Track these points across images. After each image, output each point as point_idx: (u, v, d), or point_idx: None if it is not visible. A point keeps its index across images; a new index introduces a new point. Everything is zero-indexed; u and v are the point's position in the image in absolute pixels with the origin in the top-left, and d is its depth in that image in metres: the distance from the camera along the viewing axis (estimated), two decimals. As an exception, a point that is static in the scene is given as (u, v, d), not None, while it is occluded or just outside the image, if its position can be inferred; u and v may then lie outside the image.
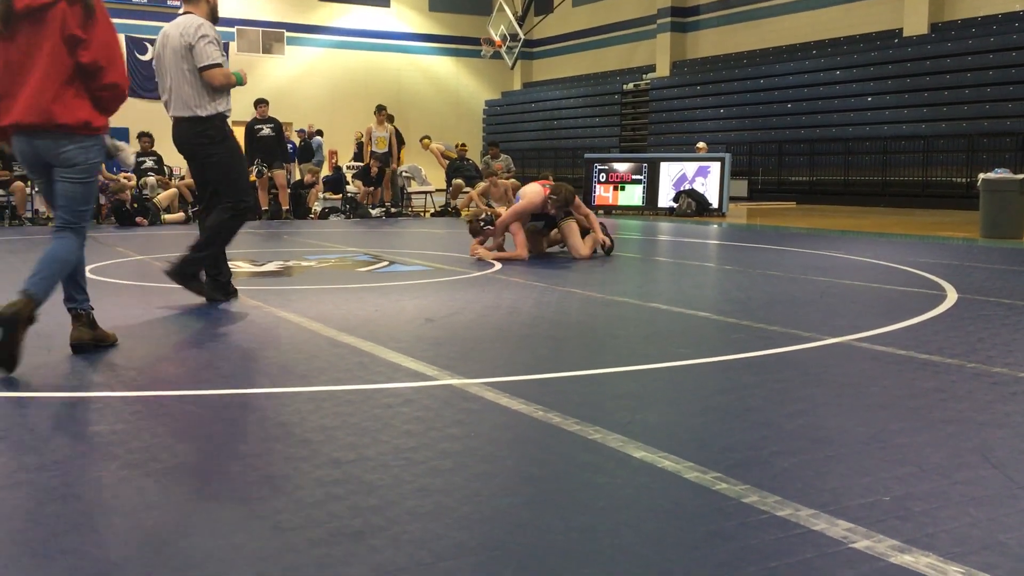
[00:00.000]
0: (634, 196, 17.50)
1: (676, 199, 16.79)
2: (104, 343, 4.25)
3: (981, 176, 11.66)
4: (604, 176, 17.80)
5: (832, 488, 2.46)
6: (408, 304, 5.78)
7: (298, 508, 2.28)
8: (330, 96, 32.74)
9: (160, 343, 4.39)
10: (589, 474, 2.56)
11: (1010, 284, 6.89)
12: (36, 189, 13.90)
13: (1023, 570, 1.97)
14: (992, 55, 19.28)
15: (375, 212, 15.91)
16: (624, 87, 29.65)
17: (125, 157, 11.84)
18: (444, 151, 18.57)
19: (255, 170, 14.05)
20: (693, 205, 16.50)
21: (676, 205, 16.72)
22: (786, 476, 2.55)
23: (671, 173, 17.29)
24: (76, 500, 2.35)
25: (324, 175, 19.50)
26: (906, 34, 21.80)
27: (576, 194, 8.85)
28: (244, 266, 7.87)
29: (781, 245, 10.51)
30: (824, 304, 5.90)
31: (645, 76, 29.45)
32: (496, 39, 29.94)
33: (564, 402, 3.33)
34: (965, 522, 2.23)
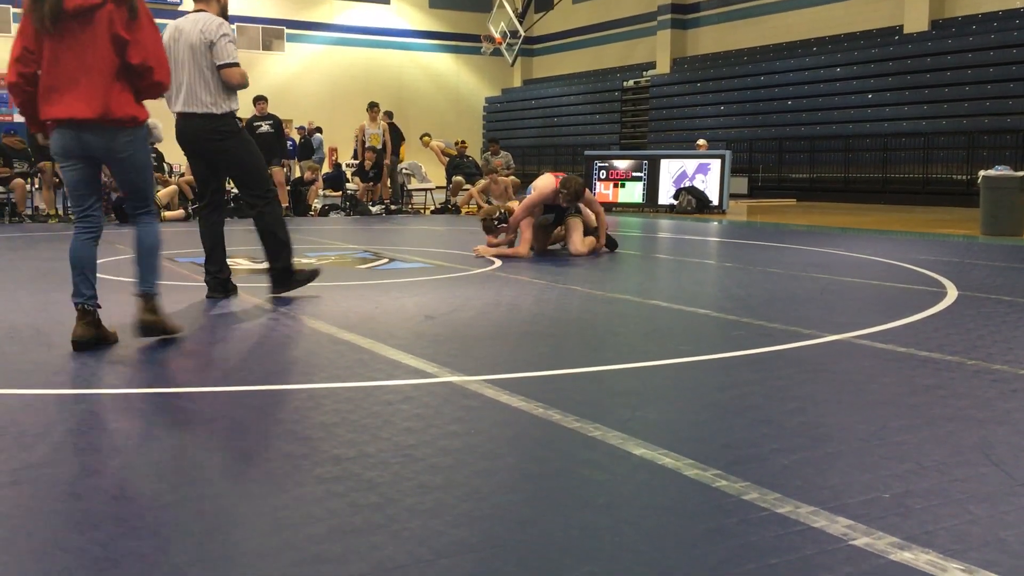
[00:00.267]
0: (634, 193, 17.49)
1: (676, 196, 16.79)
2: (105, 341, 4.26)
3: (981, 173, 11.65)
4: (604, 173, 17.78)
5: (832, 485, 2.46)
6: (408, 301, 5.78)
7: (298, 505, 2.29)
8: (330, 93, 32.74)
9: (160, 341, 4.38)
10: (589, 471, 2.56)
11: (1010, 281, 6.88)
12: (38, 186, 13.93)
13: (1023, 567, 1.97)
14: (993, 52, 19.26)
15: (375, 209, 15.91)
16: (624, 84, 29.66)
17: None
18: (444, 148, 18.57)
19: None
20: (693, 202, 16.49)
21: (676, 202, 16.71)
22: (786, 473, 2.55)
23: (671, 170, 17.28)
24: (76, 499, 2.36)
25: (324, 172, 19.50)
26: (907, 31, 21.80)
27: (587, 187, 8.83)
28: (244, 263, 7.86)
29: (781, 242, 10.51)
30: (824, 301, 5.90)
31: (645, 73, 29.45)
32: (496, 36, 29.94)
33: (564, 399, 3.33)
34: (965, 519, 2.23)
